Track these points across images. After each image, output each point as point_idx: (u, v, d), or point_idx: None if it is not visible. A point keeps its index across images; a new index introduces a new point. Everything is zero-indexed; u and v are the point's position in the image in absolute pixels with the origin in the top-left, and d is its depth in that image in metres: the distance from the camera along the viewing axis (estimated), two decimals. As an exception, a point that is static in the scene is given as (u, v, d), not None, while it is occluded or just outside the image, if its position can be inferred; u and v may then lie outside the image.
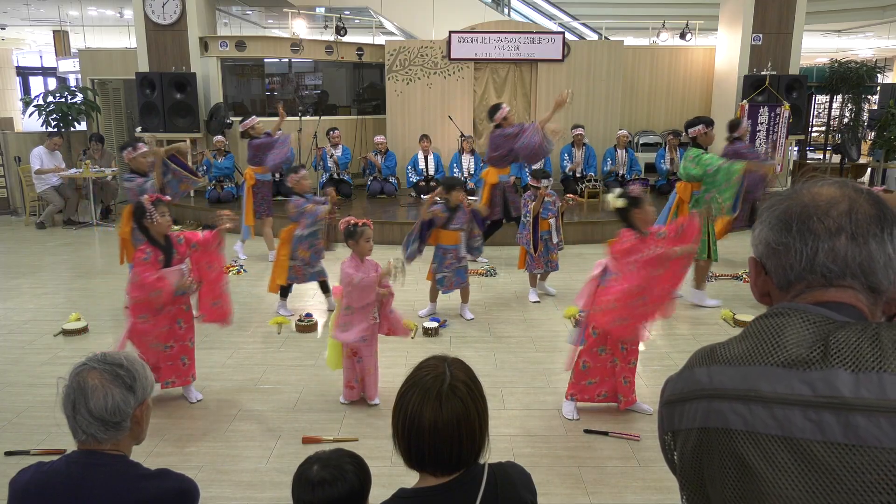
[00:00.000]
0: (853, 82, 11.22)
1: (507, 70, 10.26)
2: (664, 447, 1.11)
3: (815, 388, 0.88)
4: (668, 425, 1.08)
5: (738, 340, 1.00)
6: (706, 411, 0.98)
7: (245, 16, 14.83)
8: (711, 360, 1.01)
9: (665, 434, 1.10)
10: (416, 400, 1.40)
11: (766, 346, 0.95)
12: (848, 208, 0.97)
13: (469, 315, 5.46)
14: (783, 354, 0.93)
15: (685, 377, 1.05)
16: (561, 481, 3.27)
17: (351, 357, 3.97)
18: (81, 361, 1.63)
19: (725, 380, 0.97)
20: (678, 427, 1.04)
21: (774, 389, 0.91)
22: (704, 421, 0.98)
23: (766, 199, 1.08)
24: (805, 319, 0.95)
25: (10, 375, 4.46)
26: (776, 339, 0.95)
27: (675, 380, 1.09)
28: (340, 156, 9.61)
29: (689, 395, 1.02)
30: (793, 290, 1.02)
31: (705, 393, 0.99)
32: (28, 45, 19.36)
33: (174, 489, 1.63)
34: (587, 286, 3.83)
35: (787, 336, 0.94)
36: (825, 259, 0.97)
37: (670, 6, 13.53)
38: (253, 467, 3.39)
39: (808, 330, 0.94)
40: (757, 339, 0.97)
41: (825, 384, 0.88)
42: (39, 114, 10.03)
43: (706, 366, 1.02)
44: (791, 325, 0.95)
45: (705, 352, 1.05)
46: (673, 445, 1.08)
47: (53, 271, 7.04)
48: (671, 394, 1.08)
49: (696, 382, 1.01)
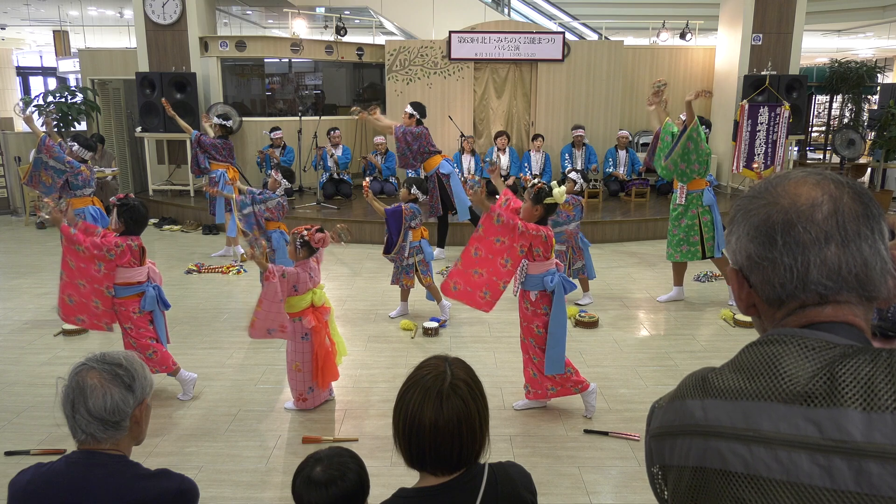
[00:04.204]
0: (853, 82, 11.22)
1: (507, 70, 10.25)
2: (653, 480, 1.04)
3: (822, 430, 0.81)
4: (658, 458, 1.00)
5: (731, 371, 0.92)
6: (702, 450, 0.91)
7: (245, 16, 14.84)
8: (705, 392, 0.93)
9: (653, 467, 1.03)
10: (417, 399, 1.40)
11: (763, 378, 0.88)
12: (832, 209, 0.89)
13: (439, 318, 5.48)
14: (783, 387, 0.85)
15: (676, 408, 0.97)
16: (561, 481, 3.27)
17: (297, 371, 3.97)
18: (81, 361, 1.62)
19: (722, 416, 0.89)
20: (669, 462, 0.97)
21: (777, 428, 0.84)
22: (700, 460, 0.91)
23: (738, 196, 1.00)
24: (803, 346, 0.87)
25: (10, 375, 4.46)
26: (773, 371, 0.87)
27: (665, 410, 1.00)
28: (340, 156, 9.61)
29: (681, 430, 0.94)
30: (784, 309, 0.94)
31: (700, 429, 0.91)
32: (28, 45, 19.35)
33: (174, 489, 1.63)
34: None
35: (786, 366, 0.86)
36: (819, 275, 0.89)
37: (670, 6, 13.51)
38: (253, 467, 3.39)
39: (807, 358, 0.86)
40: (752, 371, 0.89)
41: (834, 425, 0.80)
42: (39, 114, 10.03)
43: (699, 398, 0.93)
44: (788, 354, 0.88)
45: (696, 381, 0.96)
46: (663, 481, 1.01)
47: (53, 271, 7.03)
48: (660, 425, 1.00)
49: (690, 416, 0.93)
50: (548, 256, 3.77)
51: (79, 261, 3.92)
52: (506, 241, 3.75)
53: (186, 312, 5.65)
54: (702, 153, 5.55)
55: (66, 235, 3.89)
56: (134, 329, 4.01)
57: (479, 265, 3.84)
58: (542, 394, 3.90)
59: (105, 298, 3.97)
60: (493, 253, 3.79)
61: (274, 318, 3.81)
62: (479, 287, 3.86)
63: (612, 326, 5.38)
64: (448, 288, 3.95)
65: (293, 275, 3.78)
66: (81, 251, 3.89)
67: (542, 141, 9.75)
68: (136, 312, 4.01)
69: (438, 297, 5.48)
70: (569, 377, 3.84)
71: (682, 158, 5.60)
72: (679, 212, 5.79)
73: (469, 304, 3.95)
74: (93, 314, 3.99)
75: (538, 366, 3.83)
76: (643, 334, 5.26)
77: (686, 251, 5.76)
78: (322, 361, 3.90)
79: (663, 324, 5.50)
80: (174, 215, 9.41)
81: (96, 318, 4.00)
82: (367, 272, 6.93)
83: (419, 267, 5.42)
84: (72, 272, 3.94)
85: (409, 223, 5.32)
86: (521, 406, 4.00)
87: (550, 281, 3.74)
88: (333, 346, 4.01)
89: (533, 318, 3.82)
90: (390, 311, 5.65)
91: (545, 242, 3.73)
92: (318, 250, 3.94)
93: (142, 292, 4.02)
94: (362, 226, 8.23)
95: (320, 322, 3.90)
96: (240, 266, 7.06)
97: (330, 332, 4.00)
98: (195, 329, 5.30)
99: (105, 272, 3.92)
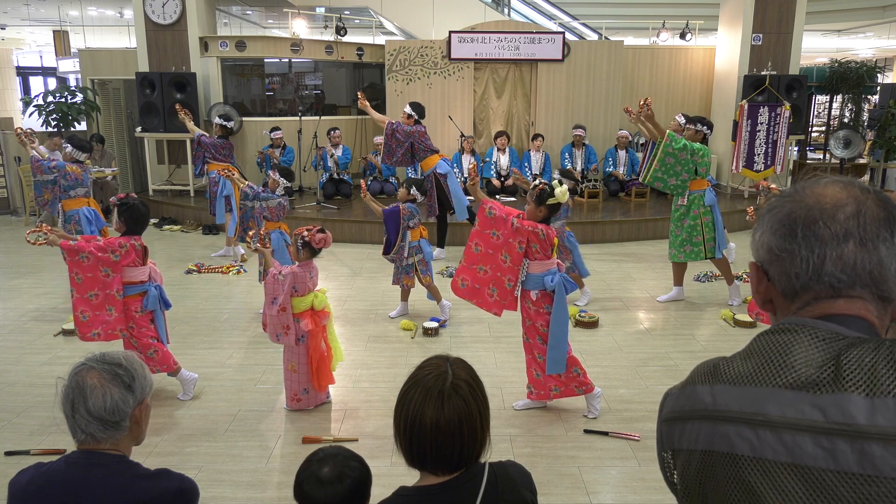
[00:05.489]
0: (853, 82, 11.21)
1: (507, 70, 10.26)
2: (663, 465, 1.06)
3: (826, 414, 0.83)
4: (668, 443, 1.03)
5: (742, 358, 0.95)
6: (710, 434, 0.93)
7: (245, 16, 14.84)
8: (715, 378, 0.96)
9: (664, 451, 1.05)
10: (418, 399, 1.40)
11: (772, 365, 0.90)
12: (855, 210, 0.92)
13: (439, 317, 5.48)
14: (791, 375, 0.87)
15: (687, 393, 1.00)
16: (561, 481, 3.27)
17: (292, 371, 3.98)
18: (80, 361, 1.62)
19: (730, 401, 0.92)
20: (678, 446, 1.00)
21: (783, 413, 0.86)
22: (708, 444, 0.93)
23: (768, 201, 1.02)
24: (814, 336, 0.90)
25: (10, 375, 4.46)
26: (783, 359, 0.89)
27: (676, 395, 1.03)
28: (340, 156, 9.61)
29: (691, 414, 0.97)
30: (798, 301, 0.96)
31: (708, 413, 0.94)
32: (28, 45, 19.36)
33: (174, 489, 1.63)
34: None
35: (795, 355, 0.89)
36: (833, 268, 0.91)
37: (670, 6, 13.52)
38: (253, 467, 3.39)
39: (817, 348, 0.88)
40: (763, 358, 0.92)
41: (838, 409, 0.83)
42: (39, 114, 10.04)
43: (709, 384, 0.96)
44: (799, 343, 0.90)
45: (708, 368, 0.99)
46: (673, 465, 1.03)
47: (53, 271, 7.02)
48: (671, 410, 1.03)
49: (699, 401, 0.96)
50: (548, 255, 3.77)
51: (85, 272, 3.90)
52: (501, 236, 3.76)
53: (186, 312, 5.65)
54: (686, 162, 5.52)
55: (67, 250, 3.89)
56: (135, 328, 4.01)
57: (482, 261, 3.85)
58: (545, 394, 3.90)
59: (118, 303, 3.96)
60: (493, 248, 3.80)
61: (277, 322, 3.81)
62: (485, 284, 3.86)
63: (612, 326, 5.38)
64: (457, 285, 3.94)
65: (291, 275, 3.78)
66: (85, 259, 3.87)
67: (542, 141, 9.75)
68: (138, 312, 4.01)
69: (438, 296, 5.48)
70: (574, 377, 3.83)
71: (668, 174, 5.60)
72: (681, 212, 5.79)
73: (479, 304, 3.91)
74: (107, 324, 3.96)
75: (542, 365, 3.83)
76: (643, 334, 5.25)
77: (689, 251, 5.77)
78: (316, 365, 3.90)
79: (663, 324, 5.50)
80: (174, 215, 9.41)
81: (111, 327, 3.97)
82: (367, 272, 6.93)
83: (419, 267, 5.42)
84: (80, 287, 3.92)
85: (406, 223, 5.32)
86: (522, 406, 3.99)
87: (551, 281, 3.74)
88: (329, 351, 4.01)
89: (536, 317, 3.82)
90: (390, 311, 5.65)
91: (543, 240, 3.72)
92: (320, 251, 3.94)
93: (144, 292, 4.03)
94: (362, 226, 8.23)
95: (317, 326, 3.89)
96: (240, 266, 7.06)
97: (327, 336, 4.00)
98: (195, 329, 5.30)
99: (113, 276, 3.92)
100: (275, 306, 3.78)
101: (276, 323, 3.81)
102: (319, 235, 3.86)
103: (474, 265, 3.88)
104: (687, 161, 5.54)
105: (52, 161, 5.70)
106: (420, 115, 7.07)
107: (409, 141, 6.96)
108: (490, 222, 3.79)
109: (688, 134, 5.76)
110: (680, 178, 5.60)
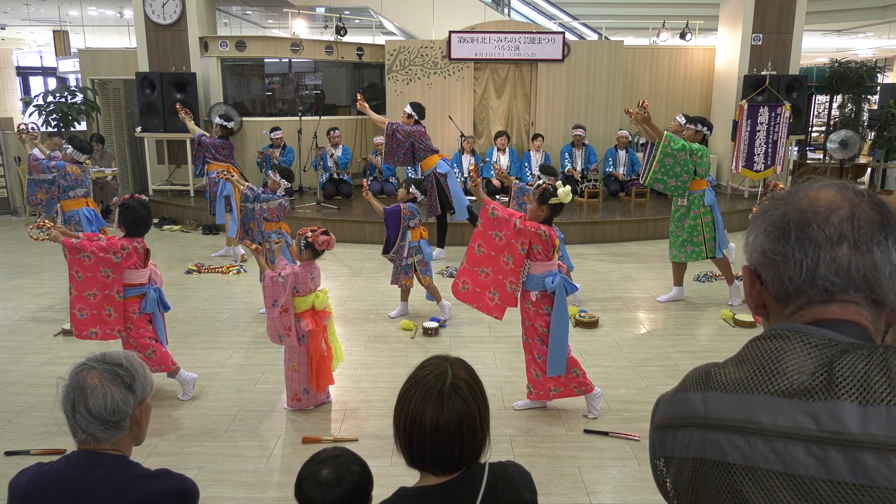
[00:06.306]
0: (853, 82, 11.21)
1: (507, 70, 10.25)
2: (655, 472, 1.05)
3: (819, 422, 0.82)
4: (660, 450, 1.02)
5: (734, 365, 0.94)
6: (701, 441, 0.92)
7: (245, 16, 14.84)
8: (707, 385, 0.95)
9: (657, 459, 1.04)
10: (418, 399, 1.40)
11: (764, 372, 0.89)
12: (849, 213, 0.91)
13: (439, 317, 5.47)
14: (783, 382, 0.86)
15: (678, 400, 0.99)
16: (561, 481, 3.27)
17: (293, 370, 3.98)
18: (81, 361, 1.62)
19: (722, 408, 0.91)
20: (670, 454, 0.99)
21: (775, 421, 0.85)
22: (700, 451, 0.92)
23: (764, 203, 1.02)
24: (806, 343, 0.88)
25: (10, 375, 4.46)
26: (775, 365, 0.88)
27: (668, 402, 1.02)
28: (340, 156, 9.61)
29: (683, 422, 0.96)
30: (791, 305, 0.95)
31: (700, 421, 0.93)
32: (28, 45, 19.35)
33: (174, 489, 1.63)
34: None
35: (788, 362, 0.88)
36: (827, 271, 0.90)
37: (670, 6, 13.51)
38: (253, 467, 3.39)
39: (809, 355, 0.87)
40: (755, 365, 0.91)
41: (830, 418, 0.82)
42: (39, 114, 10.04)
43: (701, 391, 0.95)
44: (791, 350, 0.89)
45: (700, 375, 0.98)
46: (665, 472, 1.02)
47: (53, 271, 7.02)
48: (663, 417, 1.01)
49: (691, 408, 0.95)
50: (549, 256, 3.77)
51: (85, 270, 3.90)
52: (503, 238, 3.76)
53: (186, 312, 5.65)
54: (685, 163, 5.53)
55: (68, 247, 3.89)
56: (133, 329, 4.01)
57: (485, 263, 3.85)
58: (545, 395, 3.90)
59: (117, 304, 3.96)
60: (495, 250, 3.80)
61: (279, 323, 3.81)
62: (486, 287, 3.86)
63: (612, 326, 5.38)
64: (458, 288, 3.94)
65: (292, 276, 3.78)
66: (86, 258, 3.87)
67: (542, 141, 9.75)
68: (136, 313, 4.01)
69: (438, 297, 5.48)
70: (574, 378, 3.83)
71: (667, 175, 5.60)
72: (681, 213, 5.79)
73: (480, 308, 3.91)
74: (105, 324, 3.96)
75: (542, 366, 3.83)
76: (643, 334, 5.25)
77: (691, 251, 5.77)
78: (316, 365, 3.90)
79: (663, 324, 5.50)
80: (174, 215, 9.41)
81: (109, 327, 3.98)
82: (367, 272, 6.93)
83: (418, 267, 5.42)
84: (80, 284, 3.92)
85: (407, 223, 5.32)
86: (522, 406, 3.99)
87: (551, 282, 3.74)
88: (330, 352, 4.01)
89: (536, 317, 3.82)
90: (390, 311, 5.65)
91: (545, 241, 3.72)
92: (322, 252, 3.94)
93: (143, 294, 4.03)
94: (362, 226, 8.23)
95: (318, 326, 3.90)
96: (240, 266, 7.06)
97: (328, 336, 4.00)
98: (195, 329, 5.30)
99: (113, 276, 3.92)
100: (276, 308, 3.78)
101: (279, 324, 3.82)
102: (323, 238, 3.85)
103: (476, 267, 3.88)
104: (686, 162, 5.54)
105: (51, 161, 5.70)
106: (420, 115, 7.07)
107: (409, 141, 6.96)
108: (493, 223, 3.79)
109: (687, 134, 5.77)
110: (679, 179, 5.60)
